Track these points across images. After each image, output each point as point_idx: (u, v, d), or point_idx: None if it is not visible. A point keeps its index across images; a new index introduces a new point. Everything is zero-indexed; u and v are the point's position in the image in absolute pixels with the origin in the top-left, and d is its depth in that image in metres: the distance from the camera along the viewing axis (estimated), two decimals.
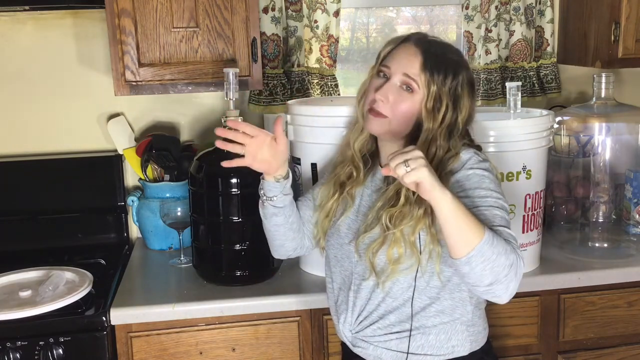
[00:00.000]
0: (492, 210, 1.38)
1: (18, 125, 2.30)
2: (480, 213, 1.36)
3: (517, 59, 2.45)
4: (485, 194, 1.39)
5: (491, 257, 1.27)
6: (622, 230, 2.18)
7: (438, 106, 1.43)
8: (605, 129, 2.10)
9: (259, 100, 2.27)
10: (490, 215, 1.37)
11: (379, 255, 1.45)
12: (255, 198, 1.65)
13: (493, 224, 1.35)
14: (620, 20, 2.17)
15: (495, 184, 1.43)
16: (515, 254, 1.31)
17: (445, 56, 1.46)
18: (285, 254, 1.72)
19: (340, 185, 1.60)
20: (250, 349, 1.84)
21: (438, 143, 1.43)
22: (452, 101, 1.44)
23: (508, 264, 1.29)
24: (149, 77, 1.94)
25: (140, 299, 1.84)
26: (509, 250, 1.30)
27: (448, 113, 1.43)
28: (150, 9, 1.90)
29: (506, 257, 1.28)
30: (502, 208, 1.40)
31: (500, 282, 1.29)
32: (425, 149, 1.42)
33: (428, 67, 1.43)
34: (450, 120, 1.44)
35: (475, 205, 1.37)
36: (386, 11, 2.61)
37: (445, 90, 1.43)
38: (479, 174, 1.42)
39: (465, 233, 1.27)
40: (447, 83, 1.43)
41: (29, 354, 1.70)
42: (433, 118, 1.43)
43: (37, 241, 2.25)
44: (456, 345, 1.48)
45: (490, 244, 1.27)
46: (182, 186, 2.16)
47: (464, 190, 1.40)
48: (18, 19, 2.24)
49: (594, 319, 1.99)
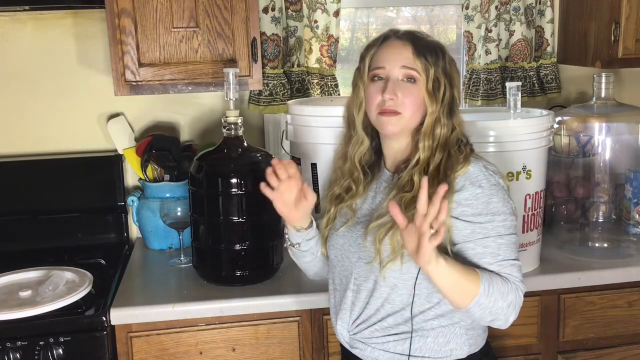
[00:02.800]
0: (496, 240, 1.41)
1: (18, 125, 2.31)
2: (483, 246, 1.41)
3: (517, 59, 2.45)
4: (491, 219, 1.41)
5: (488, 305, 1.37)
6: (622, 230, 2.18)
7: (437, 86, 1.46)
8: (605, 129, 2.10)
9: (259, 100, 2.27)
10: (493, 249, 1.41)
11: (384, 241, 1.44)
12: (255, 198, 1.65)
13: (492, 263, 1.40)
14: (620, 20, 2.17)
15: (503, 200, 1.44)
16: (513, 294, 1.39)
17: (428, 40, 1.50)
18: (323, 276, 1.74)
19: (337, 197, 1.60)
20: (250, 349, 1.85)
21: (442, 122, 1.47)
22: (447, 79, 1.48)
23: (506, 305, 1.38)
24: (149, 77, 1.94)
25: (140, 299, 1.84)
26: (507, 292, 1.38)
27: (447, 91, 1.47)
28: (150, 9, 1.90)
29: (504, 300, 1.38)
30: (508, 232, 1.43)
31: (499, 319, 1.40)
32: (431, 131, 1.46)
33: (421, 53, 1.46)
34: (450, 98, 1.48)
35: (478, 237, 1.41)
36: (386, 11, 2.61)
37: (440, 71, 1.47)
38: (488, 194, 1.42)
39: (459, 294, 1.36)
40: (439, 64, 1.47)
41: (29, 354, 1.70)
42: (435, 99, 1.46)
43: (37, 241, 2.25)
44: (454, 348, 1.47)
45: (486, 295, 1.36)
46: (182, 186, 2.16)
47: (470, 215, 1.41)
48: (18, 19, 2.24)
49: (594, 319, 1.99)
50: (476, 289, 1.35)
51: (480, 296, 1.35)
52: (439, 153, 1.45)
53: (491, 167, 1.47)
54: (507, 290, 1.38)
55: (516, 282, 1.41)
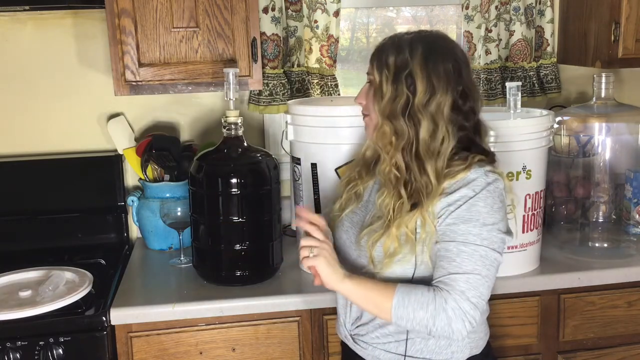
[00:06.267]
0: (459, 247, 1.37)
1: (18, 125, 2.31)
2: (445, 249, 1.39)
3: (517, 59, 2.45)
4: (466, 222, 1.38)
5: (409, 316, 1.37)
6: (622, 230, 2.18)
7: (382, 87, 1.43)
8: (605, 129, 2.10)
9: (259, 100, 2.26)
10: (451, 255, 1.37)
11: (376, 247, 1.45)
12: (255, 198, 1.66)
13: (444, 268, 1.38)
14: (620, 20, 2.17)
15: (491, 210, 1.39)
16: (436, 304, 1.35)
17: (394, 40, 1.46)
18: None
19: (349, 182, 1.62)
20: (250, 349, 1.85)
21: (388, 124, 1.43)
22: (395, 78, 1.41)
23: (429, 316, 1.35)
24: (149, 77, 1.94)
25: (140, 299, 1.84)
26: (427, 302, 1.36)
27: (397, 91, 1.41)
28: (150, 9, 1.90)
29: (424, 310, 1.36)
30: (478, 243, 1.37)
31: (429, 329, 1.37)
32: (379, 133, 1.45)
33: (375, 56, 1.47)
34: (402, 97, 1.41)
35: (445, 239, 1.39)
36: (386, 11, 2.61)
37: (392, 69, 1.42)
38: (475, 198, 1.38)
39: (373, 308, 1.42)
40: (390, 62, 1.42)
41: (29, 354, 1.70)
42: (376, 100, 1.45)
43: (37, 241, 2.25)
44: (456, 351, 1.47)
45: (402, 306, 1.37)
46: (182, 186, 2.16)
47: (451, 215, 1.39)
48: (18, 19, 2.24)
49: (594, 319, 1.99)
50: (389, 302, 1.38)
51: (395, 308, 1.37)
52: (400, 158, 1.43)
53: (492, 175, 1.42)
54: (427, 300, 1.36)
55: (452, 292, 1.35)
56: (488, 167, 1.43)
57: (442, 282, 1.37)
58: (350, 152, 1.85)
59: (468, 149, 1.44)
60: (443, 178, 1.40)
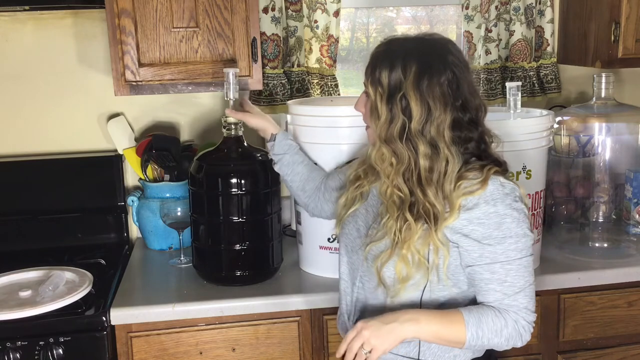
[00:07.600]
0: (505, 266, 1.38)
1: (18, 125, 2.30)
2: (491, 272, 1.38)
3: (517, 59, 2.45)
4: (501, 242, 1.37)
5: (484, 344, 1.39)
6: (622, 230, 2.18)
7: (377, 106, 1.39)
8: (605, 129, 2.10)
9: (259, 100, 2.27)
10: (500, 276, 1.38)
11: (386, 268, 1.42)
12: (255, 198, 1.65)
13: (497, 290, 1.38)
14: (620, 20, 2.17)
15: (518, 221, 1.38)
16: (510, 328, 1.38)
17: (388, 51, 1.41)
18: (304, 205, 1.84)
19: (356, 178, 1.58)
20: (250, 349, 1.84)
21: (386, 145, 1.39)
22: (389, 99, 1.37)
23: (504, 340, 1.39)
24: (149, 77, 1.94)
25: (140, 299, 1.84)
26: (501, 328, 1.38)
27: (392, 113, 1.37)
28: (150, 9, 1.90)
29: (499, 337, 1.38)
30: (519, 255, 1.39)
31: (503, 347, 1.42)
32: (378, 153, 1.42)
33: (369, 68, 1.42)
34: (398, 122, 1.37)
35: (486, 261, 1.38)
36: (386, 11, 2.61)
37: (385, 89, 1.37)
38: (501, 214, 1.36)
39: (449, 343, 1.40)
40: (383, 80, 1.37)
41: (29, 354, 1.70)
42: (372, 116, 1.42)
43: (37, 241, 2.25)
44: (458, 354, 1.47)
45: (476, 339, 1.37)
46: (182, 186, 2.16)
47: (480, 235, 1.37)
48: (18, 19, 2.24)
49: (594, 319, 2.00)
50: (462, 337, 1.37)
51: (470, 341, 1.37)
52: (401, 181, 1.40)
53: (508, 185, 1.39)
54: (501, 326, 1.37)
55: (519, 311, 1.38)
56: (501, 177, 1.41)
57: (505, 304, 1.39)
58: (350, 152, 1.85)
59: (479, 157, 1.42)
60: (456, 198, 1.36)
